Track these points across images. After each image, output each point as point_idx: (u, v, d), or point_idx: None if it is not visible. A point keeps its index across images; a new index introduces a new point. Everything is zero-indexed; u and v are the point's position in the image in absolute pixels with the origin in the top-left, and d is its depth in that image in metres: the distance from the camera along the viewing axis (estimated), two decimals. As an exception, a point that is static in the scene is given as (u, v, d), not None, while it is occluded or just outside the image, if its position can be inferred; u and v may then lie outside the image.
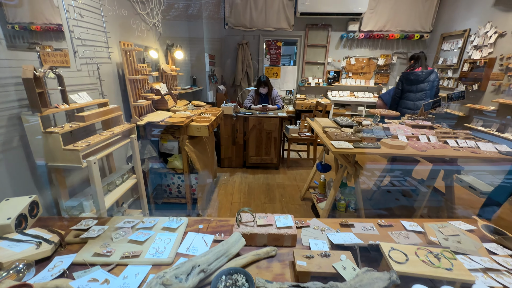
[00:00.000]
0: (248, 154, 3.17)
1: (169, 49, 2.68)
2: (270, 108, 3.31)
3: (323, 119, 2.44)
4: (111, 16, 1.81)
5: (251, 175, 3.14)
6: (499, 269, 0.78)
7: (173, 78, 2.70)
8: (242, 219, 0.97)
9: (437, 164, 1.96)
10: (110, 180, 1.52)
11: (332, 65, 4.82)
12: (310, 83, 4.76)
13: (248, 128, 3.06)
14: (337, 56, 4.79)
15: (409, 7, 4.41)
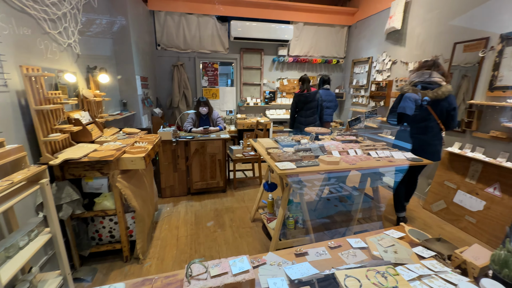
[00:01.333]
0: (192, 180, 3.04)
1: (91, 72, 2.36)
2: (212, 130, 3.26)
3: (265, 140, 2.50)
4: (6, 35, 1.52)
5: (197, 202, 3.02)
6: (429, 273, 0.91)
7: (97, 104, 2.36)
8: (193, 272, 0.85)
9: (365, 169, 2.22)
10: (9, 243, 1.15)
11: (267, 86, 5.08)
12: (249, 103, 4.90)
13: (190, 153, 2.95)
14: (271, 77, 5.11)
15: (325, 36, 5.11)
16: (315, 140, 2.42)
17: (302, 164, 1.81)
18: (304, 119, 3.45)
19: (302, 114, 3.46)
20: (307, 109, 3.44)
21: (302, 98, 3.40)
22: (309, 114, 3.46)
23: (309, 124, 3.48)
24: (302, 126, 3.46)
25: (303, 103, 3.42)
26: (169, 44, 4.34)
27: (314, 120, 3.51)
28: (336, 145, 2.28)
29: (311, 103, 3.44)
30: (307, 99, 3.40)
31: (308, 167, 1.80)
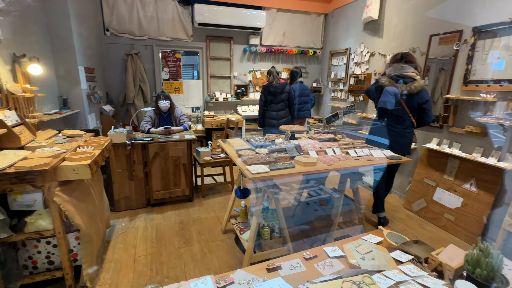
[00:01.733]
0: (152, 189, 3.02)
1: (18, 62, 2.15)
2: (174, 130, 3.19)
3: (235, 140, 2.50)
4: None
5: (158, 214, 2.94)
6: (406, 279, 0.98)
7: (27, 101, 2.16)
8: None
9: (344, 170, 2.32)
10: None
11: (238, 79, 5.09)
12: (218, 98, 4.86)
13: (149, 157, 2.89)
14: (243, 69, 5.11)
15: (301, 25, 5.24)
16: (290, 139, 2.47)
17: (276, 166, 1.83)
18: (275, 113, 3.63)
19: (273, 108, 3.63)
20: (277, 101, 3.62)
21: (271, 89, 3.57)
22: (280, 107, 3.64)
23: (281, 118, 3.68)
24: (273, 121, 3.65)
25: (272, 95, 3.59)
26: (121, 30, 4.11)
27: (286, 114, 3.72)
28: (313, 144, 2.34)
29: (281, 95, 3.62)
30: (276, 90, 3.58)
31: (283, 169, 1.82)
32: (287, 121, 3.74)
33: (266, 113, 3.69)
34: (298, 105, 4.08)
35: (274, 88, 3.57)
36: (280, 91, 3.61)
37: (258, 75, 5.15)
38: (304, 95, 4.13)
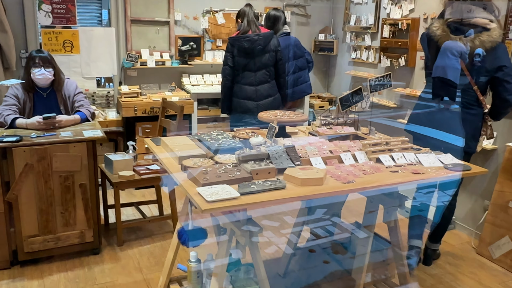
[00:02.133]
0: (21, 234, 2.99)
1: None
2: (63, 122, 3.17)
3: (178, 139, 2.47)
4: None
5: (34, 281, 2.90)
6: None
7: None
8: None
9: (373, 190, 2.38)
10: None
11: (184, 26, 5.09)
12: (147, 62, 4.84)
13: (15, 174, 2.86)
14: (192, 9, 5.07)
15: None
16: (277, 137, 2.49)
17: (252, 187, 1.84)
18: (252, 89, 3.75)
19: (247, 79, 3.75)
20: (255, 68, 3.72)
21: (245, 46, 3.65)
22: (261, 78, 3.76)
23: (262, 98, 3.78)
24: (248, 103, 3.76)
25: (246, 55, 3.68)
26: None
27: (270, 90, 3.84)
28: (319, 145, 2.38)
29: (262, 57, 3.71)
30: (253, 48, 3.65)
31: (266, 192, 1.83)
32: (273, 104, 3.83)
33: (236, 88, 3.78)
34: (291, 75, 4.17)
35: (250, 43, 3.65)
36: (260, 48, 3.68)
37: (220, 20, 5.15)
38: (296, 56, 4.25)
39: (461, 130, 2.80)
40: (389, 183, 2.08)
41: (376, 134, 2.77)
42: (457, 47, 2.60)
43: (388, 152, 2.37)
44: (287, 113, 2.81)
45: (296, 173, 1.98)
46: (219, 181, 1.87)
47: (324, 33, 5.73)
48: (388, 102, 4.67)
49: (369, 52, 5.07)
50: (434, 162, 2.31)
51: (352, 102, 2.69)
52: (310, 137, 2.66)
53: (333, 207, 3.04)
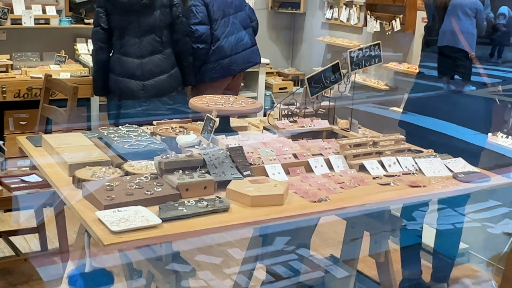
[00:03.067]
0: None
1: None
2: None
3: (67, 137, 2.45)
4: None
5: None
6: None
7: None
8: None
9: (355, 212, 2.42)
10: None
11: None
12: (21, 19, 4.71)
13: None
14: None
15: None
16: (218, 134, 2.50)
17: (180, 210, 1.82)
18: (134, 62, 3.78)
19: (127, 48, 3.79)
20: (139, 32, 3.75)
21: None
22: (147, 46, 3.80)
23: (150, 76, 3.82)
24: (130, 84, 3.80)
25: (125, 13, 3.70)
26: None
27: (163, 65, 3.88)
28: (278, 146, 2.39)
29: (149, 15, 3.74)
30: (136, 2, 3.64)
31: (199, 217, 1.83)
32: (168, 84, 3.90)
33: (113, 60, 3.85)
34: (222, 33, 4.20)
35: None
36: (146, 3, 3.70)
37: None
38: (233, 9, 4.28)
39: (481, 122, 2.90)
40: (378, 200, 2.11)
41: (359, 129, 2.80)
42: (471, 3, 2.69)
43: (376, 156, 2.41)
44: (232, 99, 2.80)
45: (244, 188, 1.97)
46: (131, 201, 1.84)
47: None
48: (377, 83, 4.77)
49: (350, 10, 5.15)
50: (440, 170, 2.37)
51: (325, 83, 2.72)
52: (266, 134, 2.66)
53: (299, 235, 3.06)
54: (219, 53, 4.14)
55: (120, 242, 1.65)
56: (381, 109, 4.52)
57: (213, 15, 4.06)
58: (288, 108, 2.81)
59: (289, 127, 2.64)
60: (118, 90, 3.78)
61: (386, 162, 2.36)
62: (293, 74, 5.80)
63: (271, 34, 5.78)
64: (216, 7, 4.10)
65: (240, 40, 4.28)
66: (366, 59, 2.76)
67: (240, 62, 4.34)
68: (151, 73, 3.78)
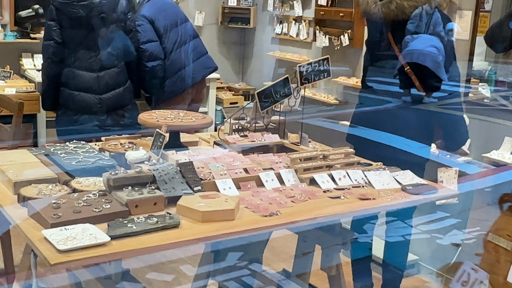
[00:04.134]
0: None
1: None
2: None
3: (11, 154, 2.42)
4: None
5: None
6: None
7: None
8: None
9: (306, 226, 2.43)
10: None
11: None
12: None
13: None
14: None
15: None
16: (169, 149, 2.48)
17: (129, 227, 1.80)
18: (91, 76, 3.74)
19: (83, 63, 3.74)
20: (95, 45, 3.74)
21: (80, 12, 3.62)
22: (104, 60, 3.77)
23: (107, 90, 3.80)
24: (87, 98, 3.74)
25: (80, 26, 3.67)
26: None
27: (119, 78, 3.88)
28: (229, 161, 2.39)
29: (106, 28, 3.74)
30: (93, 15, 3.65)
31: (149, 233, 1.81)
32: (123, 97, 3.89)
33: (67, 75, 3.76)
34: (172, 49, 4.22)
35: (88, 10, 3.63)
36: (103, 16, 3.69)
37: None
38: (180, 20, 4.30)
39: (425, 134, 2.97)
40: (328, 214, 2.13)
41: (310, 143, 2.83)
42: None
43: (326, 170, 2.44)
44: (182, 114, 2.79)
45: (195, 204, 1.97)
46: (79, 219, 1.82)
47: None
48: (327, 97, 4.84)
49: (300, 25, 5.23)
50: (389, 183, 2.41)
51: (275, 98, 2.74)
52: (216, 148, 2.66)
53: (251, 250, 3.06)
54: (175, 65, 4.14)
55: (68, 261, 1.62)
56: (331, 123, 4.57)
57: (160, 29, 4.07)
58: (239, 122, 2.81)
59: (239, 142, 2.64)
60: (73, 104, 3.71)
61: (336, 175, 2.39)
62: (243, 88, 5.83)
63: (221, 49, 5.80)
64: (161, 21, 4.10)
65: (194, 48, 4.29)
66: (315, 74, 2.80)
67: (199, 69, 4.36)
68: (108, 86, 3.75)
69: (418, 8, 2.77)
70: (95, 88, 3.71)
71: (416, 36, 2.78)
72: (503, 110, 3.79)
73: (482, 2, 3.81)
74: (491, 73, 4.17)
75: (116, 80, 3.80)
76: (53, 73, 3.69)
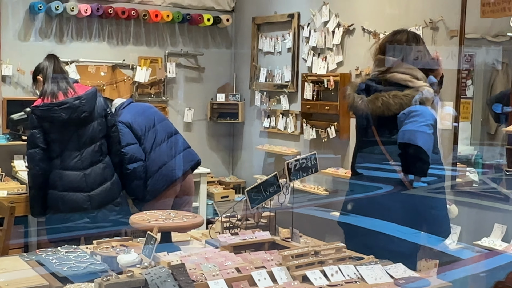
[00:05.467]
0: None
1: None
2: None
3: (3, 261, 2.40)
4: None
5: None
6: None
7: None
8: None
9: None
10: None
11: (18, 85, 5.10)
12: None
13: None
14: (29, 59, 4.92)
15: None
16: (161, 251, 2.47)
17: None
18: (77, 175, 3.78)
19: (68, 163, 3.79)
20: (79, 144, 3.80)
21: (63, 116, 3.71)
22: (89, 157, 3.84)
23: (95, 186, 3.81)
24: (76, 197, 3.75)
25: (64, 129, 3.75)
26: None
27: (105, 173, 3.92)
28: (221, 261, 2.37)
29: (88, 127, 3.82)
30: (76, 116, 3.73)
31: None
32: (111, 191, 3.91)
33: (54, 177, 3.78)
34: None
35: (71, 112, 3.71)
36: (86, 116, 3.76)
37: (72, 75, 5.09)
38: (154, 120, 4.35)
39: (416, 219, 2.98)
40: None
41: (301, 238, 2.82)
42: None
43: (318, 266, 2.42)
44: (174, 214, 2.80)
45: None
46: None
47: (224, 92, 5.96)
48: (317, 189, 4.85)
49: (287, 119, 5.33)
50: (381, 277, 2.39)
51: (265, 195, 2.76)
52: (208, 248, 2.65)
53: None
54: (155, 163, 4.18)
55: None
56: (322, 211, 4.56)
57: (138, 131, 4.15)
58: (229, 220, 2.82)
59: (231, 240, 2.64)
60: (62, 205, 3.71)
61: (329, 271, 2.37)
62: (234, 182, 5.85)
63: (211, 143, 5.88)
64: (139, 123, 4.19)
65: (174, 143, 4.35)
66: (303, 169, 2.83)
67: (181, 163, 4.38)
68: (95, 183, 3.77)
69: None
70: (83, 187, 3.72)
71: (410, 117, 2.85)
72: (491, 194, 3.80)
73: (463, 89, 3.90)
74: (477, 157, 4.22)
75: (103, 175, 3.82)
76: (41, 179, 3.72)
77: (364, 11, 4.60)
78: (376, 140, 3.00)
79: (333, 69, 4.86)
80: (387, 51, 3.00)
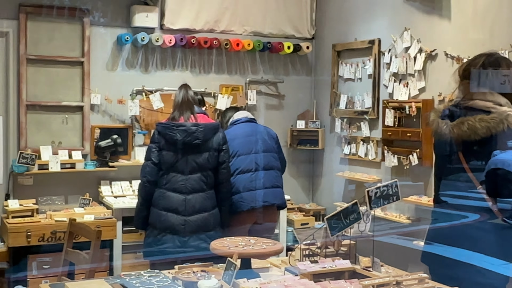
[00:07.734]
0: None
1: None
2: None
3: (88, 285, 2.45)
4: None
5: None
6: None
7: None
8: None
9: None
10: None
11: (106, 113, 5.26)
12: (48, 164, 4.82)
13: None
14: (116, 89, 5.24)
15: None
16: (240, 277, 2.47)
17: None
18: (178, 198, 3.90)
19: (173, 184, 3.94)
20: (187, 169, 3.95)
21: (177, 136, 3.90)
22: (193, 184, 3.96)
23: (193, 212, 3.93)
24: (172, 218, 3.88)
25: (176, 150, 3.92)
26: None
27: (205, 203, 4.02)
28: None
29: (199, 155, 3.96)
30: (189, 141, 3.90)
31: None
32: (207, 222, 3.99)
33: (157, 195, 3.94)
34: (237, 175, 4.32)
35: (185, 135, 3.88)
36: (198, 143, 3.91)
37: (156, 103, 5.30)
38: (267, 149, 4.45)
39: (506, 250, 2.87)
40: None
41: (382, 268, 2.77)
42: None
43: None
44: (253, 241, 2.81)
45: None
46: None
47: (304, 119, 5.97)
48: (398, 217, 4.75)
49: (368, 145, 5.27)
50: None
51: (345, 223, 2.73)
52: (288, 275, 2.64)
53: None
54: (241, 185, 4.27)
55: None
56: (404, 240, 4.47)
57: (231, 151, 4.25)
58: (309, 248, 2.81)
59: (310, 268, 2.62)
60: (159, 223, 3.87)
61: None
62: (314, 209, 5.82)
63: (291, 170, 5.87)
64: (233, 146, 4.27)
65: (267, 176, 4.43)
66: (384, 197, 2.79)
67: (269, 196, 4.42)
68: (194, 209, 3.89)
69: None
70: (181, 210, 3.85)
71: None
72: None
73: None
74: None
75: (203, 204, 3.92)
76: (149, 192, 3.90)
77: (447, 35, 4.52)
78: (462, 166, 2.94)
79: (415, 95, 4.79)
80: (471, 76, 2.94)
